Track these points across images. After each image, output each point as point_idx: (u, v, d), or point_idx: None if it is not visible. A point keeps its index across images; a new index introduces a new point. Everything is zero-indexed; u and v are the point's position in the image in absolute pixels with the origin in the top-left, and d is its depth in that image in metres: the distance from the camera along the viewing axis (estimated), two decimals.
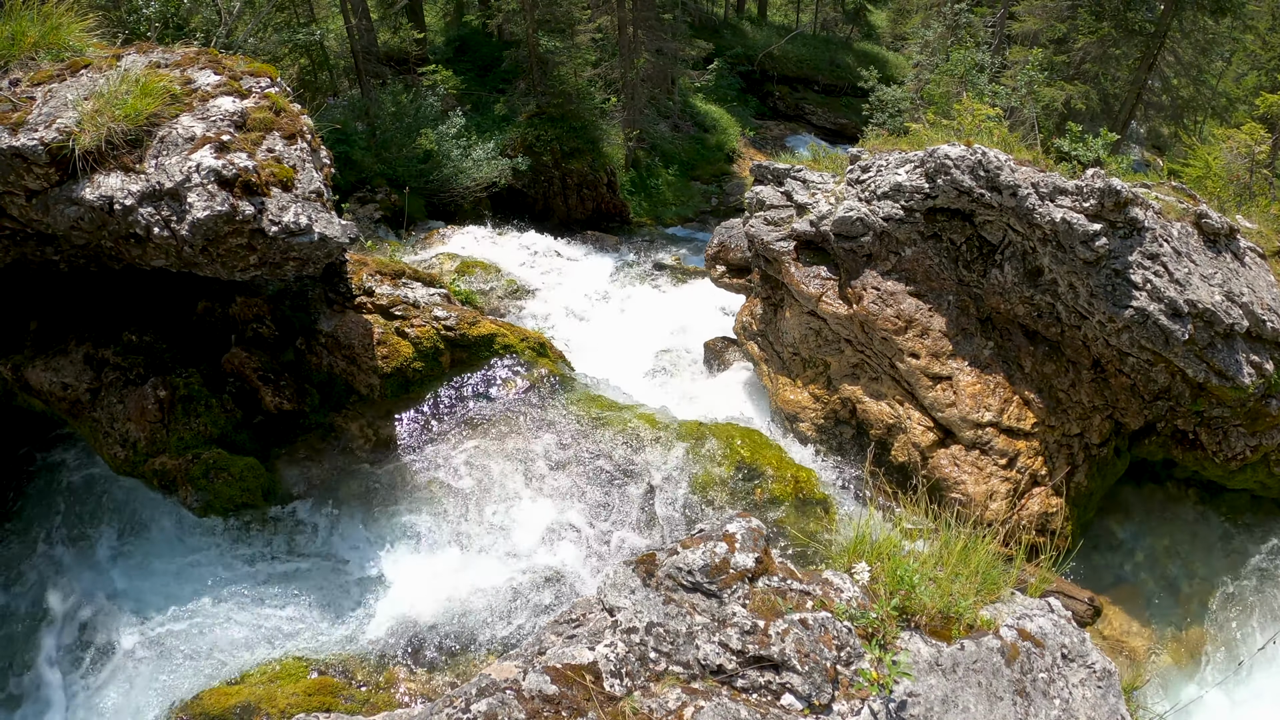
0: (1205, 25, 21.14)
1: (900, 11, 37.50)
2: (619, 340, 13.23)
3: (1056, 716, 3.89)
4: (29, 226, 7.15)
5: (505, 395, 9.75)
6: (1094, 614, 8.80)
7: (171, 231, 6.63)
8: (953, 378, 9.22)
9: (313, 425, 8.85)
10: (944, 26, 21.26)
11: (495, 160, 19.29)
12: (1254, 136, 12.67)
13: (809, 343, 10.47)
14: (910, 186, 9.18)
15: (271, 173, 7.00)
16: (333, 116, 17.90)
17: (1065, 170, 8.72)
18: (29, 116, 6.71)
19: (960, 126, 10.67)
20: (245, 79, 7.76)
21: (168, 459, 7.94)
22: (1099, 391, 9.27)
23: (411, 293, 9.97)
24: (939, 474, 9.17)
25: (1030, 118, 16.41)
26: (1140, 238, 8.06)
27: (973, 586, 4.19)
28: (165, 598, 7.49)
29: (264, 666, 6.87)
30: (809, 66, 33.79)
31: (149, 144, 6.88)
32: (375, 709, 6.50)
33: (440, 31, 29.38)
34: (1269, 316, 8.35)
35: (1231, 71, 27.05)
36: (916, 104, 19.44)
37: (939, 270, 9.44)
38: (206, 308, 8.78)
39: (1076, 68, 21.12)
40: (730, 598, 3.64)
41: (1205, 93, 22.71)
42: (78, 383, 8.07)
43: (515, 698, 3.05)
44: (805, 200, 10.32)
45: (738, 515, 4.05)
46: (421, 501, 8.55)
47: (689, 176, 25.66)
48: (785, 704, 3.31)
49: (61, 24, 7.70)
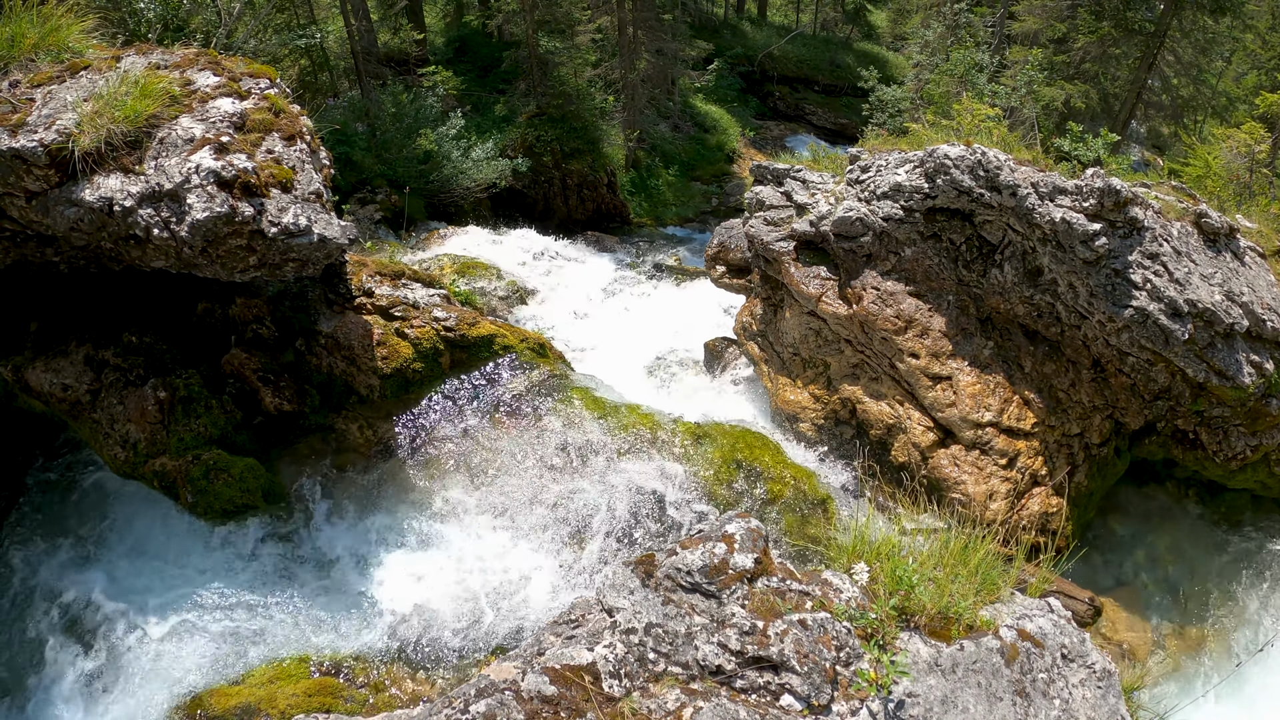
0: (1205, 25, 21.12)
1: (900, 11, 37.50)
2: (619, 341, 13.23)
3: (1056, 717, 3.89)
4: (29, 228, 7.16)
5: (505, 396, 9.75)
6: (1094, 614, 8.79)
7: (171, 233, 6.63)
8: (953, 378, 9.22)
9: (313, 426, 8.86)
10: (944, 26, 21.26)
11: (495, 161, 19.30)
12: (1254, 136, 12.67)
13: (809, 343, 10.47)
14: (910, 186, 9.18)
15: (271, 174, 7.00)
16: (333, 117, 17.90)
17: (1065, 170, 8.72)
18: (29, 118, 6.71)
19: (960, 126, 10.67)
20: (244, 80, 7.76)
21: (168, 460, 7.94)
22: (1099, 391, 9.27)
23: (411, 293, 9.97)
24: (939, 474, 9.17)
25: (1030, 117, 16.41)
26: (1140, 237, 8.06)
27: (972, 587, 4.19)
28: (165, 599, 7.49)
29: (264, 667, 6.88)
30: (809, 67, 33.80)
31: (148, 145, 6.88)
32: (375, 710, 6.50)
33: (440, 32, 29.40)
34: (1269, 316, 8.35)
35: (1231, 71, 27.04)
36: (916, 104, 19.44)
37: (939, 270, 9.43)
38: (206, 309, 8.79)
39: (1076, 67, 21.12)
40: (729, 598, 3.64)
41: (1205, 92, 22.70)
42: (78, 384, 8.07)
43: (514, 698, 3.05)
44: (805, 200, 10.32)
45: (737, 516, 4.05)
46: (421, 503, 8.55)
47: (689, 177, 25.67)
48: (784, 704, 3.31)
49: (61, 25, 7.70)
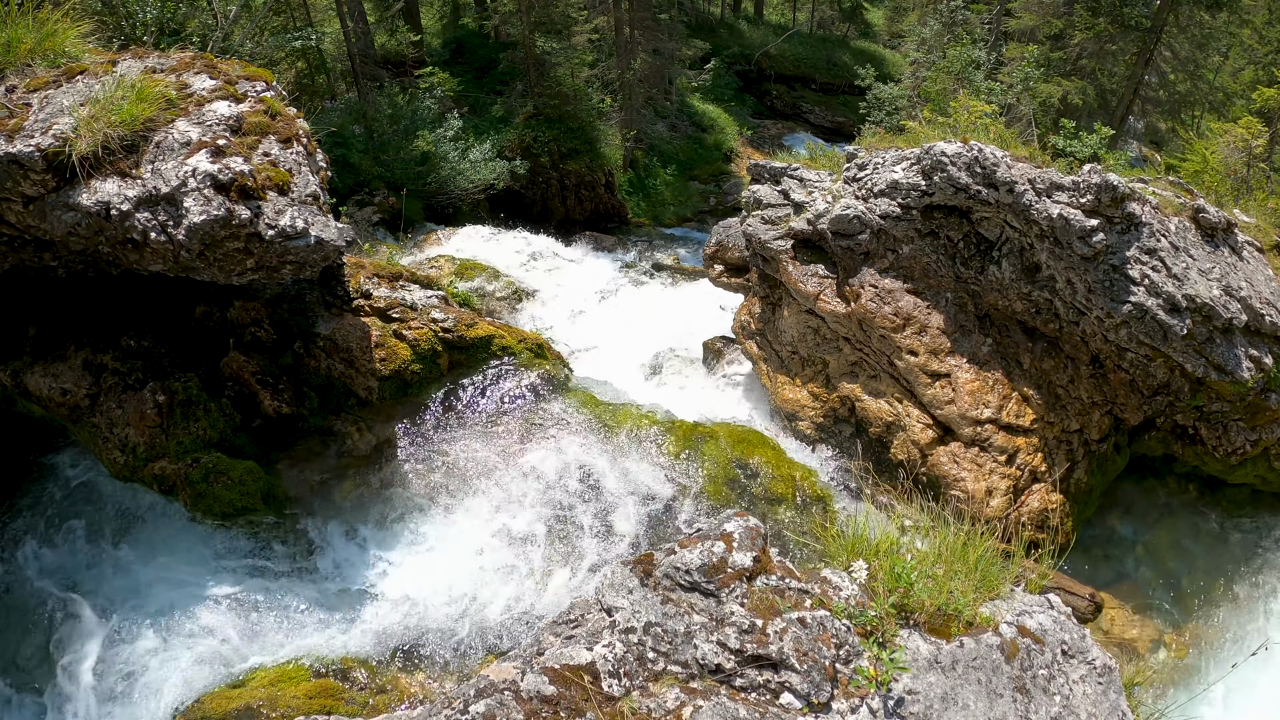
0: (1202, 20, 21.12)
1: (897, 9, 37.53)
2: (618, 341, 13.23)
3: (1057, 713, 3.89)
4: (26, 233, 7.15)
5: (504, 397, 9.75)
6: (1095, 610, 8.80)
7: (168, 236, 6.63)
8: (951, 375, 9.22)
9: (311, 429, 8.85)
10: (940, 24, 21.26)
11: (493, 162, 19.29)
12: (1251, 131, 12.67)
13: (807, 341, 10.47)
14: (907, 184, 9.18)
15: (268, 176, 7.00)
16: (330, 120, 17.89)
17: (1062, 166, 8.72)
18: (25, 123, 6.71)
19: (957, 124, 10.68)
20: (241, 83, 7.76)
21: (167, 463, 7.93)
22: (1098, 387, 9.27)
23: (409, 295, 9.97)
24: (938, 471, 9.17)
25: (1027, 114, 16.40)
26: (1137, 233, 8.06)
27: (971, 583, 4.18)
28: (165, 602, 7.49)
29: (265, 670, 6.88)
30: (806, 65, 33.79)
31: (145, 149, 6.88)
32: (375, 711, 6.51)
33: (437, 34, 29.39)
34: (1267, 311, 8.35)
35: (1228, 66, 27.01)
36: (913, 101, 19.45)
37: (936, 267, 9.43)
38: (204, 312, 8.79)
39: (1073, 64, 21.11)
40: (728, 597, 3.64)
41: (1202, 87, 22.69)
42: (77, 388, 8.06)
43: (513, 698, 3.05)
44: (802, 199, 10.32)
45: (736, 514, 4.05)
46: (420, 504, 8.55)
47: (687, 176, 25.66)
48: (784, 703, 3.31)
49: (57, 30, 7.69)
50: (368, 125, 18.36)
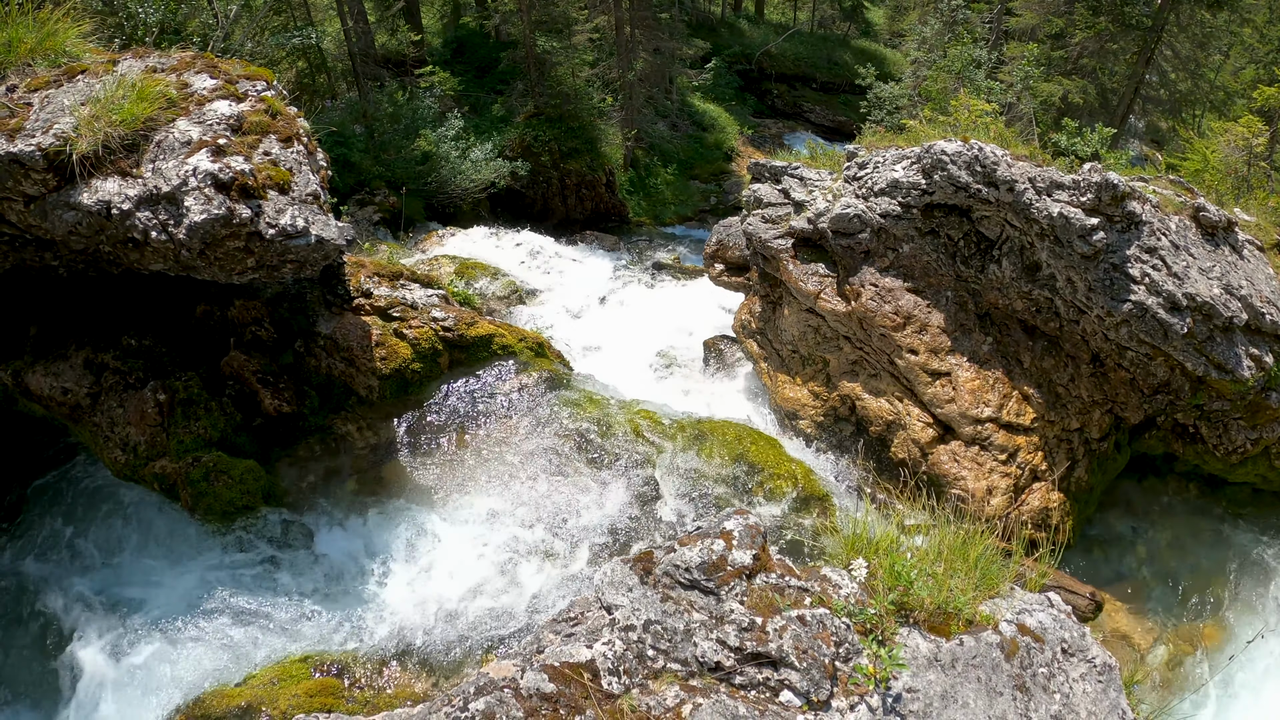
0: (1202, 19, 21.12)
1: (897, 8, 37.52)
2: (618, 340, 13.22)
3: (1057, 711, 3.89)
4: (28, 232, 7.16)
5: (504, 396, 9.75)
6: (1095, 609, 8.79)
7: (169, 235, 6.64)
8: (951, 374, 9.22)
9: (312, 427, 8.86)
10: (941, 23, 21.24)
11: (493, 161, 19.30)
12: (1251, 130, 12.66)
13: (808, 340, 10.47)
14: (907, 183, 9.18)
15: (268, 176, 7.01)
16: (330, 119, 17.91)
17: (1062, 165, 8.72)
18: (26, 122, 6.72)
19: (957, 122, 10.68)
20: (241, 83, 7.77)
21: (168, 462, 7.94)
22: (1098, 386, 9.27)
23: (409, 294, 9.97)
24: (939, 470, 9.17)
25: (1027, 113, 16.38)
26: (1138, 232, 8.06)
27: (971, 582, 4.18)
28: (166, 601, 7.49)
29: (265, 668, 6.88)
30: (807, 64, 33.77)
31: (146, 148, 6.89)
32: (376, 709, 6.51)
33: (438, 33, 29.39)
34: (1268, 309, 8.35)
35: (1229, 65, 27.00)
36: (914, 101, 19.43)
37: (937, 266, 9.43)
38: (205, 311, 8.79)
39: (1074, 63, 21.10)
40: (728, 595, 3.64)
41: (1203, 86, 22.68)
42: (78, 387, 8.07)
43: (513, 696, 3.05)
44: (803, 198, 10.32)
45: (736, 512, 4.05)
46: (420, 502, 8.56)
47: (688, 175, 25.66)
48: (784, 701, 3.31)
49: (58, 30, 7.70)
50: (368, 124, 18.36)
